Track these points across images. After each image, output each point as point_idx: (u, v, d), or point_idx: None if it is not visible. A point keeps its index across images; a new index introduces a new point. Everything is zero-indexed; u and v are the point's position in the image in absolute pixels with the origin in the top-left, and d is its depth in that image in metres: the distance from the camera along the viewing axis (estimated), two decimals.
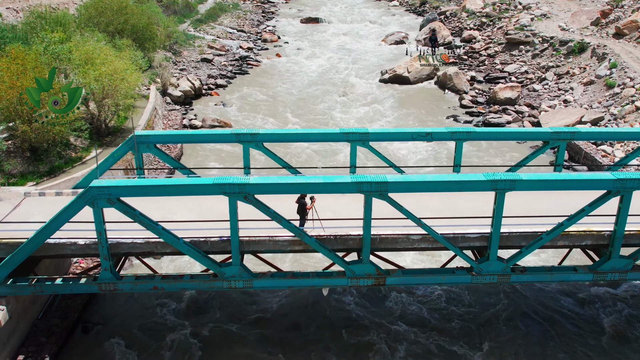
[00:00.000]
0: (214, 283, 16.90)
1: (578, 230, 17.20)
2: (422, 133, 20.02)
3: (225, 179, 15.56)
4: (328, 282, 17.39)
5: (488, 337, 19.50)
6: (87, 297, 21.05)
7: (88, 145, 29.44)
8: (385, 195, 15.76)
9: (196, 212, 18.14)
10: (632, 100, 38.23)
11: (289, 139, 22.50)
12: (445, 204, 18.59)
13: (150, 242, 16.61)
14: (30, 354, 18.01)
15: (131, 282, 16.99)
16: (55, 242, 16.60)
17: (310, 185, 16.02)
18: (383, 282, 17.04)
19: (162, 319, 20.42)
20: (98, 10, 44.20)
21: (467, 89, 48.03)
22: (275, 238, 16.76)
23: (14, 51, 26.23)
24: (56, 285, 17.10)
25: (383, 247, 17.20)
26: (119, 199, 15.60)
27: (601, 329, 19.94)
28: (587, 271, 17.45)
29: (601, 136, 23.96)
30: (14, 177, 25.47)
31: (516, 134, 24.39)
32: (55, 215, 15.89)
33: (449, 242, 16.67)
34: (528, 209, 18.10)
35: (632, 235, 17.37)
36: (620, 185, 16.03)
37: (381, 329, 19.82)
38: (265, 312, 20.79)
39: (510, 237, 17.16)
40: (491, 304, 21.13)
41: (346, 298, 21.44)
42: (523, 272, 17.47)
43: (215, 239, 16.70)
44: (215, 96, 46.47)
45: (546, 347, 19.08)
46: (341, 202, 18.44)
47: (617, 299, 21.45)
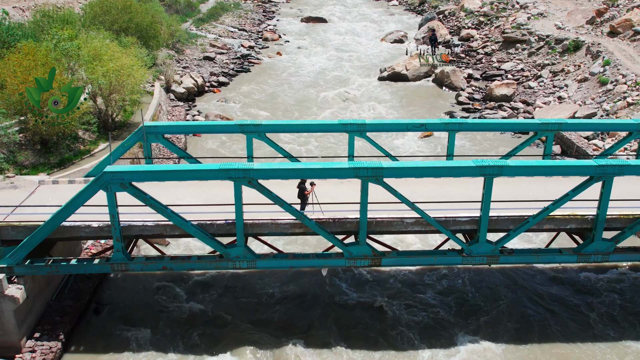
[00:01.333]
0: (220, 263, 17.96)
1: (563, 214, 18.24)
2: (416, 124, 21.06)
3: (231, 165, 16.62)
4: (327, 263, 18.45)
5: (482, 316, 20.57)
6: (97, 281, 22.12)
7: (96, 139, 30.50)
8: (381, 180, 16.80)
9: (202, 198, 19.16)
10: (624, 96, 39.26)
11: (290, 130, 23.56)
12: (438, 191, 19.59)
13: (160, 224, 17.67)
14: (46, 331, 19.06)
15: (142, 262, 18.06)
16: (70, 225, 17.65)
17: (310, 170, 17.08)
18: (379, 262, 18.10)
19: (168, 301, 21.45)
20: (103, 9, 45.24)
21: (464, 86, 49.09)
22: (278, 221, 17.81)
23: (25, 47, 27.27)
24: (71, 266, 18.16)
25: (379, 230, 18.24)
26: (130, 184, 16.66)
27: (589, 309, 21.02)
28: (571, 253, 18.50)
29: (586, 127, 25.01)
30: (25, 168, 26.50)
31: (506, 125, 25.45)
32: (71, 199, 16.94)
33: (441, 225, 17.71)
34: (516, 195, 19.10)
35: (614, 219, 18.41)
36: (602, 171, 17.06)
37: (378, 310, 20.86)
38: (268, 296, 21.81)
39: (498, 221, 18.19)
40: (485, 289, 22.17)
41: (344, 283, 22.47)
42: (511, 253, 18.53)
43: (221, 222, 17.76)
44: (218, 93, 47.54)
45: (537, 325, 20.16)
46: (339, 189, 19.54)
47: (604, 285, 22.49)
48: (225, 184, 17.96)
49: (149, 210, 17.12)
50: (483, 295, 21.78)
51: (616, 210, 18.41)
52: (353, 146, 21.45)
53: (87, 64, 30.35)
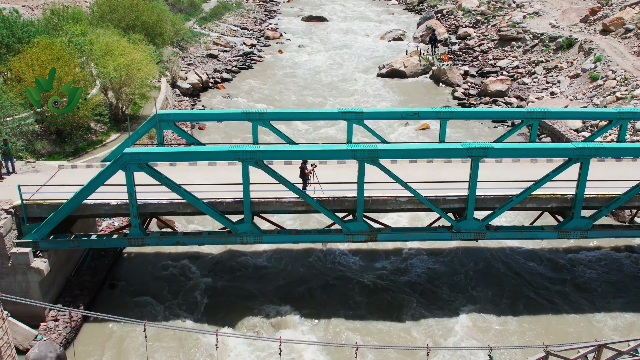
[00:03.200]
0: (229, 238, 19.51)
1: (544, 194, 19.77)
2: (410, 112, 22.61)
3: (239, 147, 18.20)
4: (327, 238, 20.01)
5: (474, 288, 22.17)
6: (113, 260, 23.67)
7: (107, 130, 32.09)
8: (376, 161, 18.34)
9: (211, 181, 20.67)
10: (613, 91, 40.80)
11: (293, 117, 25.14)
12: (430, 174, 21.13)
13: (174, 202, 19.22)
14: (67, 303, 20.60)
15: (157, 237, 19.62)
16: (91, 203, 19.18)
17: (312, 152, 18.63)
18: (374, 238, 19.64)
19: (178, 278, 22.99)
20: (110, 8, 46.80)
21: (460, 82, 50.63)
22: (282, 199, 19.36)
23: (42, 43, 28.83)
24: (91, 240, 19.71)
25: (374, 208, 19.77)
26: (147, 164, 18.20)
27: (565, 280, 22.71)
28: (552, 230, 20.04)
29: (569, 115, 26.59)
30: (42, 156, 28.06)
31: (494, 113, 27.09)
32: (92, 179, 18.50)
33: (431, 203, 19.25)
34: (502, 177, 20.62)
35: (592, 198, 19.94)
36: (579, 153, 18.60)
37: (373, 284, 22.41)
38: (271, 272, 23.37)
39: (485, 200, 19.72)
40: (475, 266, 23.74)
41: (342, 259, 24.05)
42: (497, 230, 20.07)
43: (229, 200, 19.30)
44: (222, 89, 49.09)
45: (522, 294, 21.80)
46: (339, 172, 21.07)
47: (580, 262, 24.14)
48: (233, 168, 19.52)
49: (164, 189, 18.65)
50: (473, 272, 23.33)
51: (594, 190, 19.92)
52: (351, 133, 22.99)
53: (99, 58, 31.91)
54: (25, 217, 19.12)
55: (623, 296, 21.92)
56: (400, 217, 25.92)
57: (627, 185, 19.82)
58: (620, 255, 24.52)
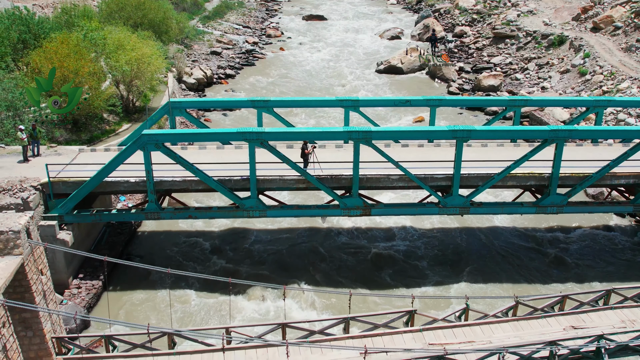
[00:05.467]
0: (236, 213, 21.47)
1: (523, 173, 21.71)
2: (402, 100, 24.55)
3: (246, 129, 20.14)
4: (326, 212, 21.96)
5: (460, 259, 24.18)
6: (128, 236, 25.61)
7: (119, 120, 34.06)
8: (370, 142, 20.29)
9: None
10: (600, 85, 42.74)
11: (295, 105, 27.07)
12: (420, 157, 23.02)
13: (187, 180, 21.18)
14: (88, 273, 22.61)
15: (171, 212, 21.59)
16: (111, 180, 21.14)
17: (312, 133, 20.61)
18: (369, 212, 21.59)
19: (189, 252, 24.95)
20: (119, 6, 48.77)
21: (455, 78, 52.57)
22: (284, 177, 21.31)
23: (59, 37, 30.81)
24: (112, 215, 21.67)
25: (369, 186, 21.72)
26: (163, 144, 20.16)
27: (545, 255, 24.71)
28: (531, 205, 21.99)
29: (548, 103, 28.52)
30: (60, 144, 30.00)
31: (479, 101, 29.07)
32: (113, 158, 20.47)
33: (420, 180, 21.19)
34: (487, 159, 22.56)
35: (567, 177, 21.88)
36: (554, 135, 20.53)
37: (369, 255, 24.40)
38: (275, 246, 25.33)
39: (469, 178, 21.67)
40: (459, 240, 25.73)
41: (340, 235, 26.05)
42: (480, 205, 22.02)
43: (237, 178, 21.26)
44: (225, 84, 51.05)
45: (505, 266, 23.81)
46: (337, 155, 23.03)
47: (559, 239, 26.13)
48: (239, 152, 21.36)
49: (177, 167, 20.62)
50: (458, 245, 25.31)
51: (570, 169, 21.86)
52: (348, 119, 24.93)
53: (111, 52, 33.88)
54: (52, 193, 21.07)
55: (594, 266, 23.92)
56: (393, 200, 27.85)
57: (599, 165, 21.75)
58: (598, 233, 26.46)
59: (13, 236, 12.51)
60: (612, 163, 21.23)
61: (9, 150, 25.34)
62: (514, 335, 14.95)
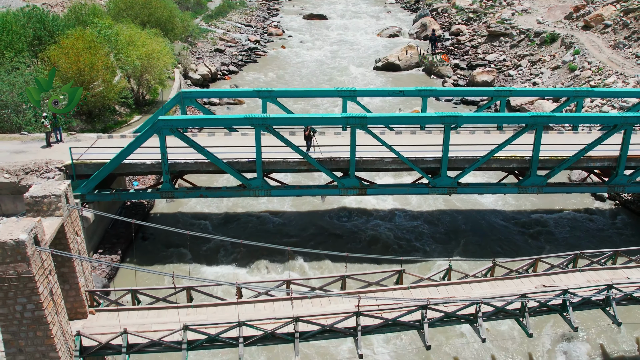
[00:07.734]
0: (244, 192, 23.47)
1: (507, 156, 23.70)
2: (396, 90, 26.52)
3: (253, 115, 22.16)
4: (325, 192, 23.96)
5: (452, 238, 26.18)
6: (142, 217, 27.60)
7: (130, 112, 36.07)
8: (365, 127, 22.27)
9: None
10: (588, 80, 44.72)
11: (297, 95, 29.07)
12: (412, 143, 25.02)
13: (198, 162, 23.17)
14: (107, 248, 24.62)
15: (184, 191, 23.58)
16: (129, 162, 23.13)
17: (312, 119, 22.59)
18: (364, 192, 23.58)
19: (200, 231, 26.86)
20: (126, 5, 50.81)
21: (450, 74, 54.58)
22: (287, 159, 23.29)
23: (75, 34, 32.81)
24: (130, 194, 23.68)
25: (364, 167, 23.72)
26: (177, 129, 22.15)
27: (526, 232, 26.74)
28: (513, 186, 23.98)
29: (532, 93, 30.54)
30: (76, 132, 32.03)
31: (467, 91, 31.05)
32: (131, 142, 22.46)
33: (412, 163, 23.17)
34: (473, 144, 24.60)
35: (546, 160, 23.86)
36: (534, 120, 22.51)
37: (365, 233, 26.40)
38: (278, 226, 27.34)
39: (457, 161, 23.65)
40: (448, 219, 27.76)
41: (338, 215, 28.07)
42: (466, 186, 24.00)
43: (244, 160, 23.26)
44: (229, 80, 53.08)
45: (488, 241, 25.82)
46: (335, 141, 25.02)
47: (540, 219, 28.15)
48: (245, 138, 23.24)
49: (190, 150, 22.61)
50: (448, 222, 27.33)
51: (549, 153, 23.85)
52: (346, 109, 26.91)
53: (123, 48, 35.89)
54: (75, 174, 23.07)
55: (569, 239, 25.97)
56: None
57: (577, 149, 23.72)
58: (578, 215, 28.46)
59: (55, 200, 14.47)
60: (587, 147, 23.19)
61: (32, 137, 27.33)
62: (491, 293, 16.91)
